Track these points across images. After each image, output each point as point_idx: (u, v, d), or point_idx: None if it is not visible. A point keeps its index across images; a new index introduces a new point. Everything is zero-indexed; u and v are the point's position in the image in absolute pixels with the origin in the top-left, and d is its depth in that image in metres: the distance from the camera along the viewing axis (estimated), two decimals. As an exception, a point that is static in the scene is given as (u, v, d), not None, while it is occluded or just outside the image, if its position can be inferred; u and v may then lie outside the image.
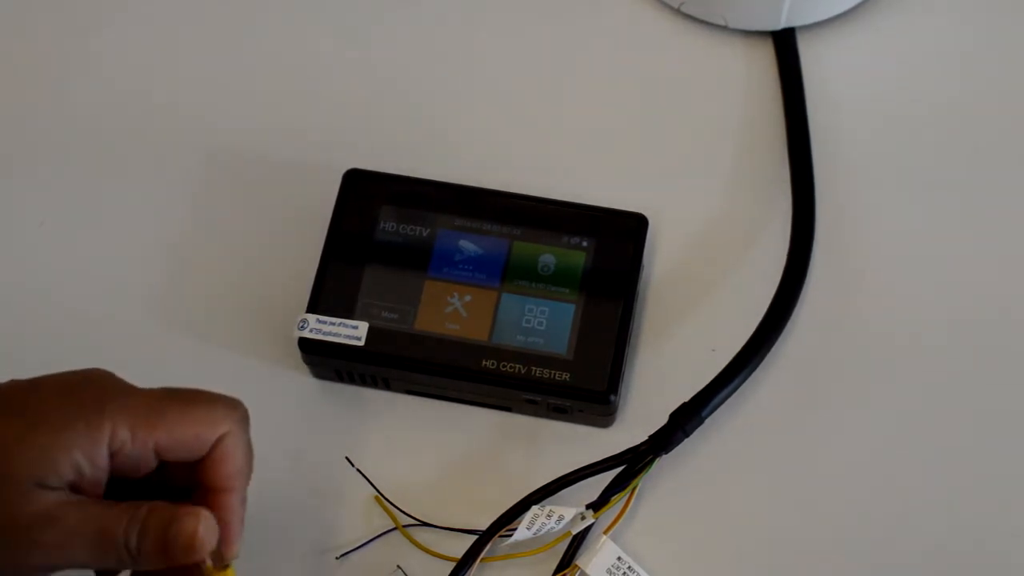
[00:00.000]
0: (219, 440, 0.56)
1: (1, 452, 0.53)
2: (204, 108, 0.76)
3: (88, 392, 0.56)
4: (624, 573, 0.64)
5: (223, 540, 0.56)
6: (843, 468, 0.67)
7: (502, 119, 0.76)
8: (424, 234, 0.69)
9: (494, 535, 0.64)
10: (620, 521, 0.65)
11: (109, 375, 0.57)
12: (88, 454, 0.54)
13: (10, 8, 0.79)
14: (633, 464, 0.65)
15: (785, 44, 0.75)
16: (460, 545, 0.64)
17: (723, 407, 0.66)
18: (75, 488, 0.54)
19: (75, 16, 0.79)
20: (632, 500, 0.65)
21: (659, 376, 0.69)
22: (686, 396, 0.66)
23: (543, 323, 0.67)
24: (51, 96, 0.77)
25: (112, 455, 0.55)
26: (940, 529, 0.66)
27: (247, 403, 0.59)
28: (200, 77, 0.77)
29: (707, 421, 0.66)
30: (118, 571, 0.56)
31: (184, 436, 0.55)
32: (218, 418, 0.56)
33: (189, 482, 0.57)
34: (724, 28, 0.76)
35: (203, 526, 0.54)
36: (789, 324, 0.69)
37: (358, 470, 0.66)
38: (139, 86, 0.77)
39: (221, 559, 0.55)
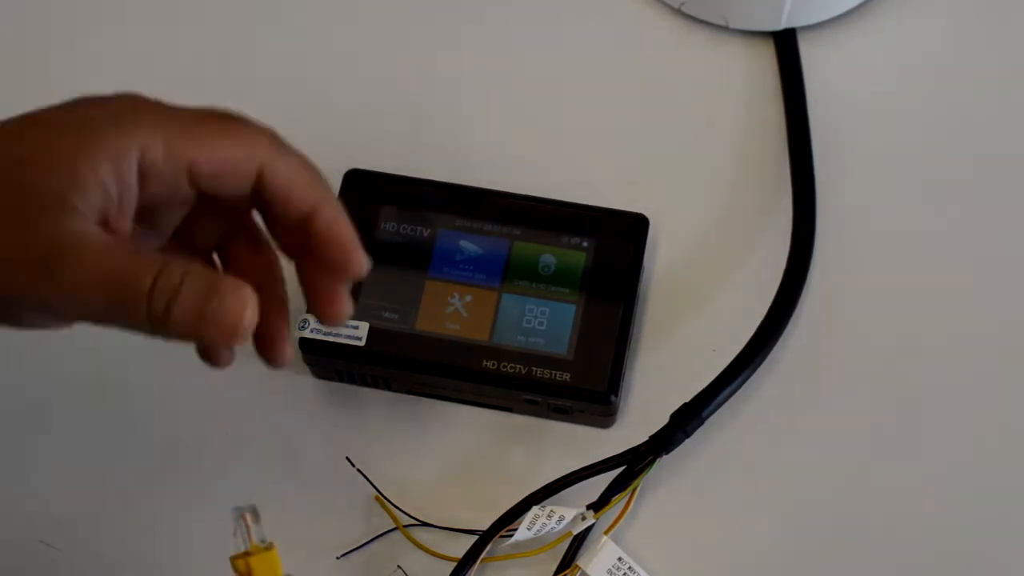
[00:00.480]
0: (264, 170, 0.51)
1: (19, 163, 0.48)
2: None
3: (118, 101, 0.50)
4: (624, 573, 0.64)
5: (351, 259, 0.51)
6: (843, 468, 0.67)
7: (502, 119, 0.76)
8: (424, 234, 0.69)
9: (495, 535, 0.64)
10: (621, 521, 0.65)
11: (141, 96, 0.51)
12: (116, 166, 0.48)
13: (10, 9, 0.79)
14: (634, 464, 0.65)
15: (786, 44, 0.75)
16: (461, 545, 0.64)
17: (724, 407, 0.66)
18: (103, 221, 0.49)
19: (76, 16, 0.79)
20: (633, 500, 0.65)
21: (660, 376, 0.69)
22: (687, 396, 0.66)
23: (544, 323, 0.67)
24: (52, 95, 0.77)
25: (143, 174, 0.49)
26: (941, 529, 0.66)
27: (248, 404, 0.59)
28: (200, 77, 0.77)
29: (708, 421, 0.66)
30: (139, 332, 0.50)
31: (224, 154, 0.50)
32: (254, 139, 0.51)
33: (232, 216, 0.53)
34: (725, 28, 0.76)
35: (251, 309, 0.48)
36: (790, 325, 0.69)
37: (358, 470, 0.66)
38: (139, 86, 0.77)
39: (356, 270, 0.51)
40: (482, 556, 0.64)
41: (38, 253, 0.47)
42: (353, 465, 0.66)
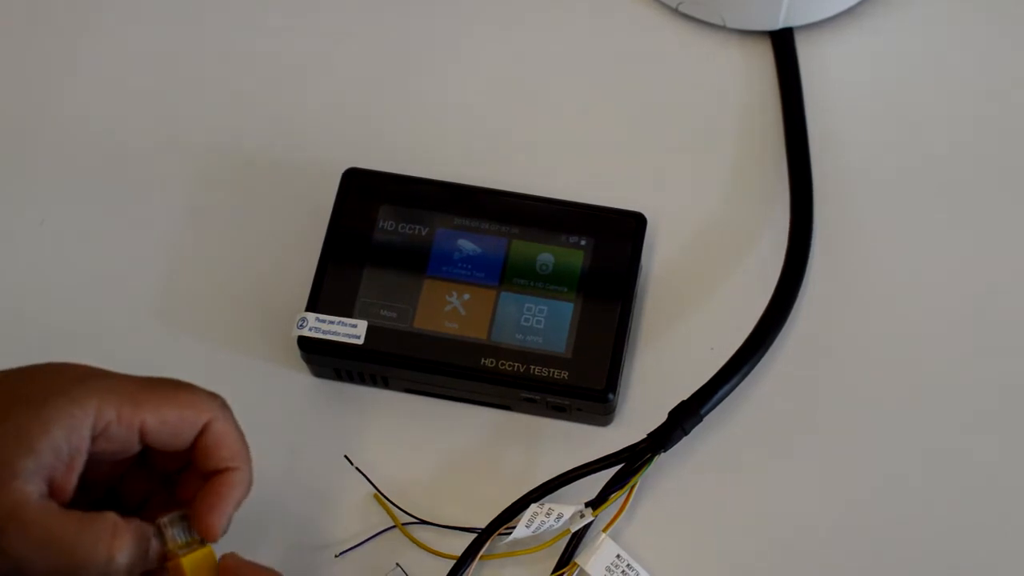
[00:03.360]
0: (207, 426, 0.56)
1: None
2: (204, 108, 0.77)
3: (70, 371, 0.54)
4: (623, 571, 0.64)
5: (214, 513, 0.55)
6: (841, 466, 0.67)
7: (501, 118, 0.76)
8: (423, 233, 0.69)
9: (493, 533, 0.64)
10: (619, 519, 0.65)
11: (88, 366, 0.56)
12: (68, 432, 0.52)
13: (12, 9, 0.79)
14: (632, 462, 0.65)
15: (783, 44, 0.75)
16: (459, 543, 0.64)
17: (722, 405, 0.66)
18: (50, 481, 0.52)
19: (77, 17, 0.79)
20: (631, 498, 0.65)
21: (658, 374, 0.69)
22: (685, 394, 0.66)
23: (542, 322, 0.67)
24: (53, 95, 0.77)
25: (95, 437, 0.53)
26: (939, 526, 0.66)
27: (246, 401, 0.59)
28: (200, 78, 0.77)
29: (706, 419, 0.66)
30: None
31: (171, 417, 0.55)
32: (202, 403, 0.56)
33: (169, 470, 0.57)
34: (722, 28, 0.76)
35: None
36: (787, 322, 0.69)
37: (357, 468, 0.66)
38: (140, 86, 0.77)
39: (210, 535, 0.55)
40: (480, 554, 0.64)
41: None
42: (352, 463, 0.66)
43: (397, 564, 0.65)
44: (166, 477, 0.59)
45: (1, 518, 0.51)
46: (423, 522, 0.66)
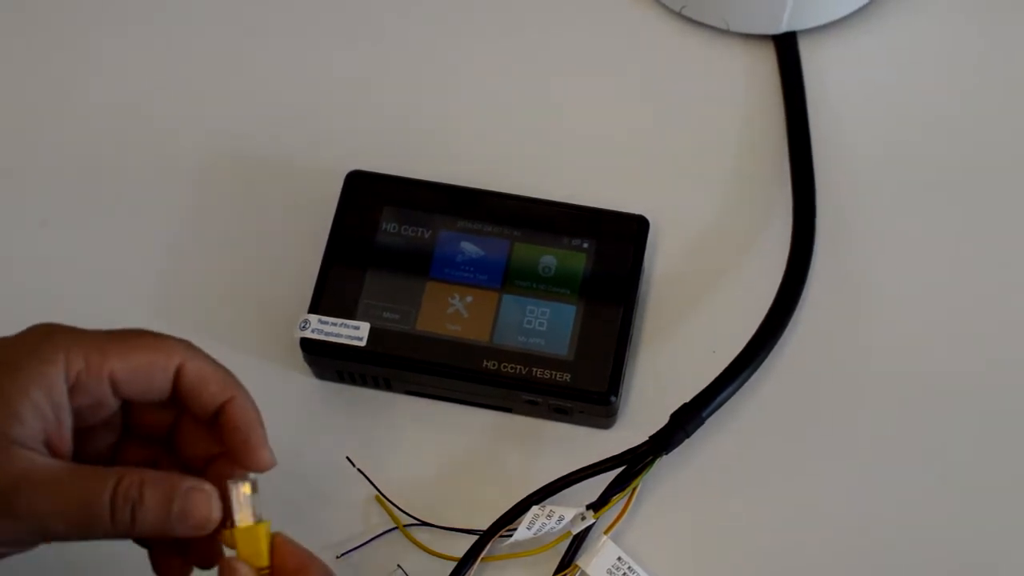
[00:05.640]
0: (182, 369, 0.55)
1: None
2: (207, 110, 0.77)
3: (33, 334, 0.54)
4: (624, 573, 0.64)
5: (251, 447, 0.54)
6: (843, 469, 0.67)
7: (503, 121, 0.76)
8: (426, 235, 0.69)
9: (494, 535, 0.64)
10: (620, 521, 0.65)
11: (54, 324, 0.55)
12: (46, 390, 0.52)
13: (12, 11, 0.79)
14: (633, 464, 0.65)
15: (786, 47, 0.76)
16: (461, 545, 0.64)
17: (724, 408, 0.67)
18: (47, 442, 0.52)
19: (77, 18, 0.79)
20: (632, 500, 0.65)
21: (660, 377, 0.69)
22: (686, 397, 0.66)
23: (544, 324, 0.67)
24: (55, 95, 0.77)
25: (70, 390, 0.53)
26: (940, 526, 0.66)
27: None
28: (203, 80, 0.77)
29: (708, 422, 0.66)
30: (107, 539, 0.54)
31: (139, 362, 0.54)
32: (169, 346, 0.55)
33: (160, 432, 0.57)
34: (725, 31, 0.76)
35: (214, 502, 0.53)
36: (790, 325, 0.69)
37: (359, 470, 0.66)
38: (142, 87, 0.78)
39: (260, 465, 0.54)
40: (482, 556, 0.64)
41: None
42: (353, 465, 0.66)
43: (398, 566, 0.65)
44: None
45: (12, 484, 0.51)
46: (424, 524, 0.66)
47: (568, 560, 0.65)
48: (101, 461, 0.56)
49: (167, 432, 0.58)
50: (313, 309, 0.68)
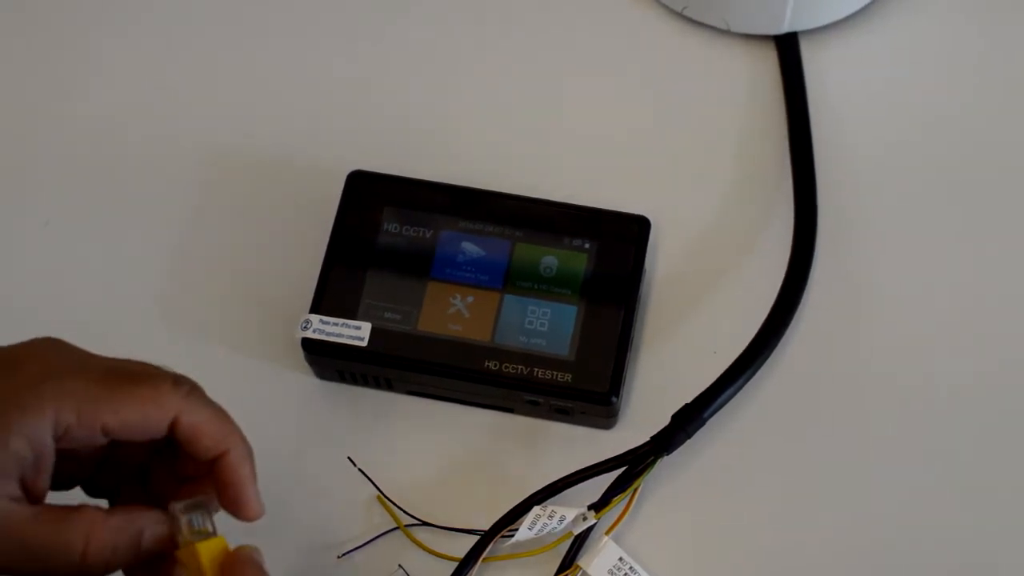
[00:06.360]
0: (177, 422, 0.53)
1: None
2: (208, 110, 0.77)
3: (25, 372, 0.53)
4: (625, 574, 0.64)
5: (240, 502, 0.54)
6: (843, 469, 0.67)
7: (505, 122, 0.76)
8: (427, 236, 0.69)
9: (496, 535, 0.64)
10: (622, 522, 0.65)
11: (54, 346, 0.54)
12: (28, 442, 0.51)
13: (14, 12, 0.79)
14: (635, 465, 0.65)
15: (787, 48, 0.75)
16: (462, 545, 0.64)
17: (725, 408, 0.67)
18: (24, 483, 0.51)
19: (77, 18, 0.79)
20: (634, 501, 0.65)
21: (661, 378, 0.69)
22: (688, 398, 0.66)
23: (545, 324, 0.67)
24: (55, 96, 0.77)
25: (57, 437, 0.52)
26: (941, 527, 0.66)
27: (250, 403, 0.59)
28: (204, 80, 0.77)
29: (709, 422, 0.66)
30: None
31: (132, 418, 0.53)
32: (164, 398, 0.53)
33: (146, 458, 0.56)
34: (727, 32, 0.76)
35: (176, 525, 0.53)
36: (791, 326, 0.69)
37: (360, 470, 0.66)
38: (142, 88, 0.78)
39: (248, 519, 0.55)
40: (483, 556, 0.64)
41: None
42: (355, 465, 0.66)
43: (400, 566, 0.65)
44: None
45: None
46: (426, 524, 0.66)
47: (569, 561, 0.65)
48: (87, 471, 0.57)
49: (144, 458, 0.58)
50: (314, 309, 0.68)
